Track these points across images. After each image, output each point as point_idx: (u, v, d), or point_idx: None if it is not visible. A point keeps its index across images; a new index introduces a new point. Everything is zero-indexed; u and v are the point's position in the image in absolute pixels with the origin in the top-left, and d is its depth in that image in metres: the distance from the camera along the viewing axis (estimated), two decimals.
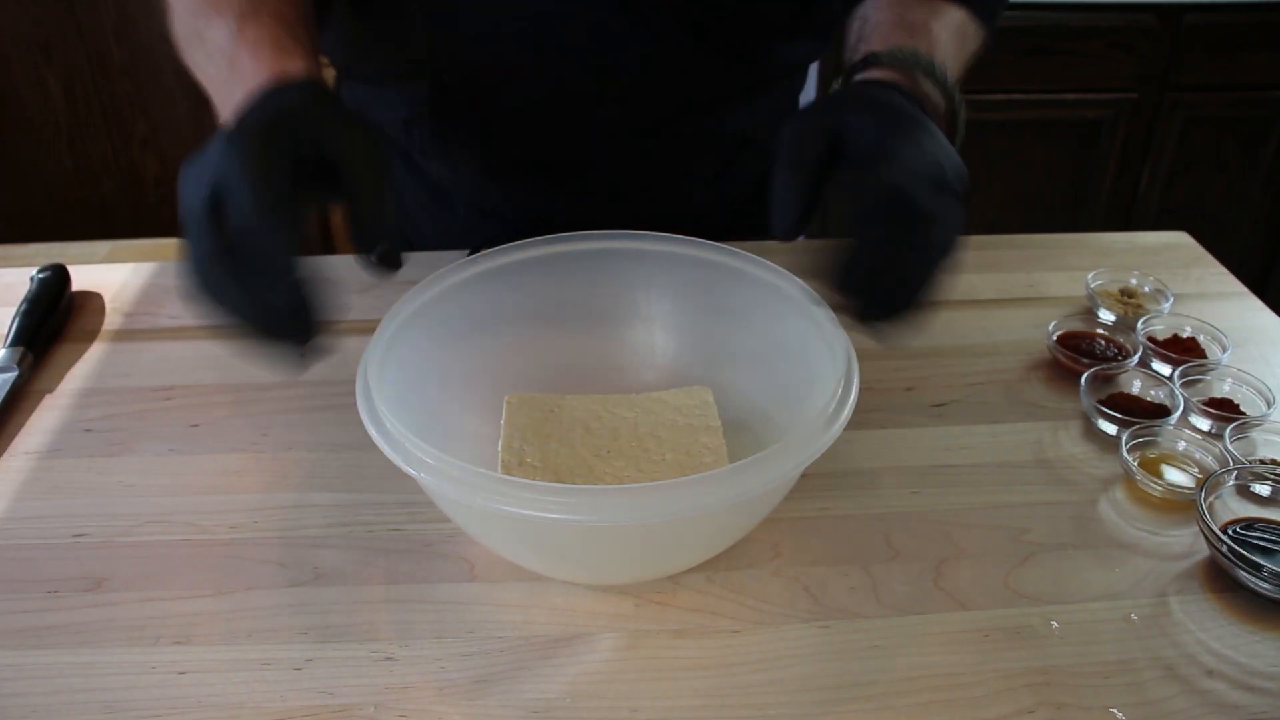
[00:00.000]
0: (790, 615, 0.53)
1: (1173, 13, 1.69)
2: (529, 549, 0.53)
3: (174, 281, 0.83)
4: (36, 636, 0.52)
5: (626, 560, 0.53)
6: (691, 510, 0.45)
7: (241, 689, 0.49)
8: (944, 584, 0.55)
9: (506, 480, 0.46)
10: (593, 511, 0.44)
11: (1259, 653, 0.51)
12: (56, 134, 1.85)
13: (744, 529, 0.55)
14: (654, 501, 0.45)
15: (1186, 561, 0.57)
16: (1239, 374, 0.69)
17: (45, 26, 1.75)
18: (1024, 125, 1.79)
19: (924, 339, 0.76)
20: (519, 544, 0.52)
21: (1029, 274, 0.84)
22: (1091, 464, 0.64)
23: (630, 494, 0.47)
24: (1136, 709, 0.48)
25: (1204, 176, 1.86)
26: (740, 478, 0.46)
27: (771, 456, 0.47)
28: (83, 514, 0.60)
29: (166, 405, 0.69)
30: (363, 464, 0.63)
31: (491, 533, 0.53)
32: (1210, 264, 0.86)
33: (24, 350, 0.71)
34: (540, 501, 0.44)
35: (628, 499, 0.46)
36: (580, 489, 0.48)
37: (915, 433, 0.66)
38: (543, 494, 0.45)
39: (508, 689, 0.49)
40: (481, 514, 0.49)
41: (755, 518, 0.54)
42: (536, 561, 0.54)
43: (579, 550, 0.52)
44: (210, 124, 0.51)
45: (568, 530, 0.47)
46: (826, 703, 0.48)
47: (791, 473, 0.49)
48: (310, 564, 0.56)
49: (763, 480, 0.46)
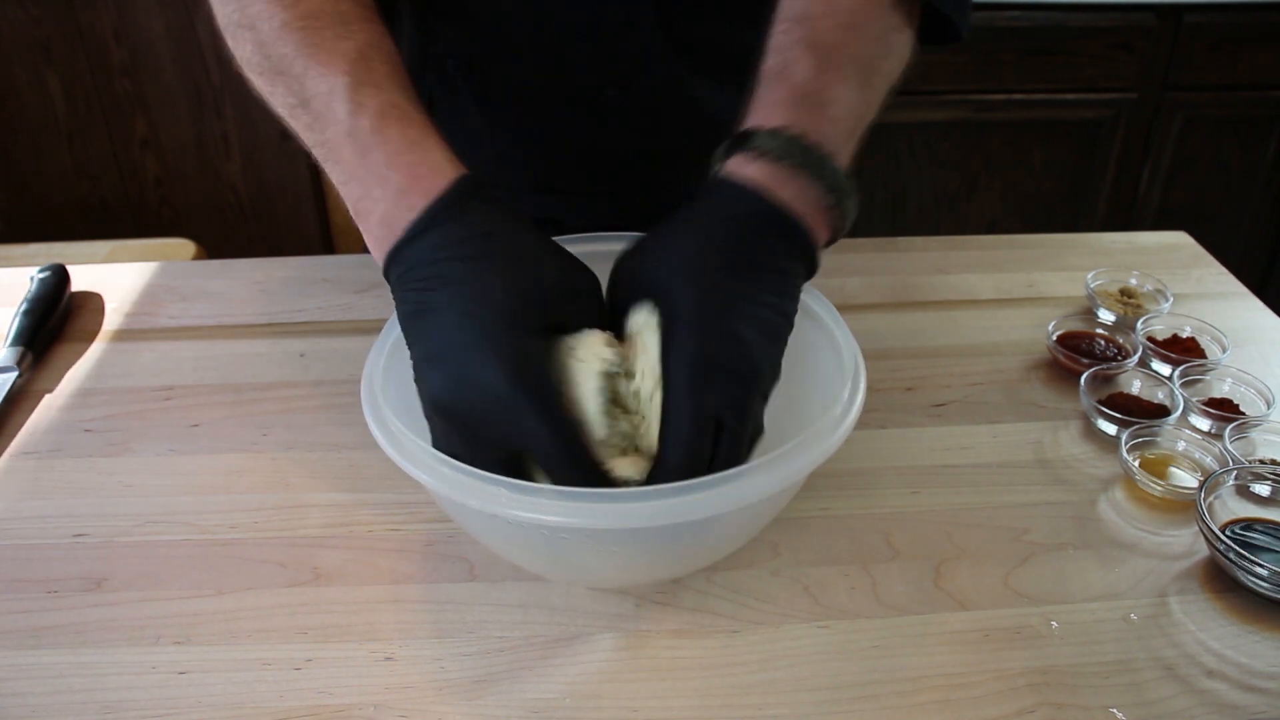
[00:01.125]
0: (790, 615, 0.53)
1: (1173, 13, 1.69)
2: (542, 558, 0.52)
3: (175, 282, 0.83)
4: (36, 636, 0.52)
5: (630, 565, 0.52)
6: (701, 513, 0.44)
7: (241, 689, 0.49)
8: (944, 584, 0.55)
9: (516, 485, 0.44)
10: (598, 516, 0.44)
11: (1259, 653, 0.51)
12: (56, 134, 1.85)
13: (751, 532, 0.54)
14: (661, 506, 0.44)
15: (1186, 561, 0.57)
16: (1239, 374, 0.69)
17: (45, 26, 1.75)
18: (1024, 125, 1.79)
19: (924, 339, 0.76)
20: (530, 552, 0.52)
21: (1029, 274, 0.84)
22: (1091, 464, 0.64)
23: (637, 498, 0.45)
24: (1136, 709, 0.48)
25: (1204, 176, 1.86)
26: (751, 480, 0.45)
27: (783, 458, 0.46)
28: (83, 514, 0.60)
29: (166, 405, 0.69)
30: (363, 464, 0.63)
31: (500, 539, 0.52)
32: (1210, 264, 0.86)
33: (24, 350, 0.71)
34: (547, 506, 0.44)
35: (635, 503, 0.45)
36: (586, 493, 0.47)
37: (915, 433, 0.66)
38: (551, 498, 0.44)
39: (508, 689, 0.49)
40: (486, 519, 0.49)
41: (763, 520, 0.54)
42: (547, 567, 0.54)
43: (583, 554, 0.52)
44: (210, 124, 0.50)
45: (573, 535, 0.47)
46: (826, 703, 0.49)
47: (802, 473, 0.48)
48: (310, 564, 0.56)
49: (774, 481, 0.45)
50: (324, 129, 0.50)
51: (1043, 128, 1.80)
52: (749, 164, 0.50)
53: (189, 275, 0.84)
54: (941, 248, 0.88)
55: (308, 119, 0.51)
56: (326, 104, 0.50)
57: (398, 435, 0.48)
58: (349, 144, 0.49)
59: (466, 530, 0.55)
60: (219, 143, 1.85)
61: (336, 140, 0.50)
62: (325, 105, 0.50)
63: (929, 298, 0.81)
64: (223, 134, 1.84)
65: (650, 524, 0.44)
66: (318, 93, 0.50)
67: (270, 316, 0.78)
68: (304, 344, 0.75)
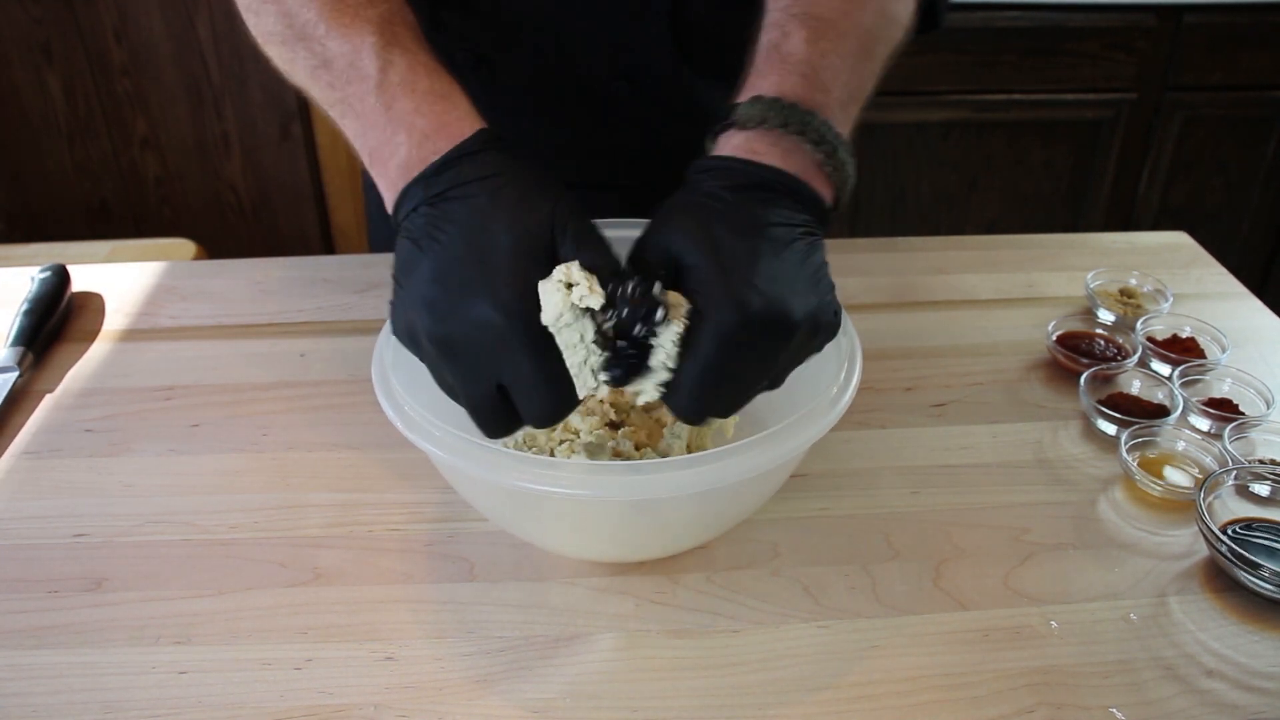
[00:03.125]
0: (790, 615, 0.53)
1: (1172, 13, 1.69)
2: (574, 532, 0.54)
3: (176, 282, 0.83)
4: (37, 636, 0.52)
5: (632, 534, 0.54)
6: (704, 485, 0.46)
7: (242, 689, 0.49)
8: (943, 584, 0.55)
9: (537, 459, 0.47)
10: (609, 488, 0.46)
11: (1258, 652, 0.51)
12: (57, 134, 1.85)
13: (750, 507, 0.56)
14: (659, 478, 0.46)
15: (1186, 561, 0.57)
16: (1238, 374, 0.69)
17: (46, 26, 1.75)
18: (1024, 125, 1.79)
19: (924, 339, 0.76)
20: (559, 523, 0.53)
21: (1028, 274, 0.84)
22: (1091, 464, 0.64)
23: (640, 470, 0.48)
24: (1136, 709, 0.48)
25: (1204, 176, 1.86)
26: (753, 452, 0.47)
27: (782, 432, 0.48)
28: (83, 514, 0.60)
29: (167, 405, 0.69)
30: (363, 464, 0.63)
31: (516, 514, 0.54)
32: (1209, 264, 0.86)
33: (24, 350, 0.71)
34: (577, 480, 0.46)
35: (637, 475, 0.47)
36: (597, 465, 0.50)
37: (915, 433, 0.66)
38: (573, 471, 0.47)
39: (507, 689, 0.49)
40: (503, 489, 0.50)
41: (762, 497, 0.55)
42: (574, 545, 0.55)
43: (590, 523, 0.53)
44: (210, 124, 0.50)
45: (595, 505, 0.49)
46: (826, 702, 0.49)
47: (801, 447, 0.49)
48: (310, 564, 0.56)
49: (773, 456, 0.47)
50: (346, 85, 0.51)
51: (1042, 128, 1.80)
52: (730, 139, 0.50)
53: (189, 275, 0.84)
54: (941, 248, 0.88)
55: (329, 78, 0.52)
56: (352, 62, 0.51)
57: (412, 416, 0.50)
58: (376, 95, 0.50)
59: (464, 496, 0.55)
60: (219, 143, 1.85)
61: (361, 94, 0.51)
62: (351, 63, 0.51)
63: (929, 298, 0.81)
64: (223, 134, 1.84)
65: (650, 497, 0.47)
66: (342, 52, 0.51)
67: (270, 316, 0.78)
68: (304, 344, 0.75)
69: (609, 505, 0.50)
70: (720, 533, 0.57)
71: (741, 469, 0.47)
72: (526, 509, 0.53)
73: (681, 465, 0.46)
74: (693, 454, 0.51)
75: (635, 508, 0.50)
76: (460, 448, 0.48)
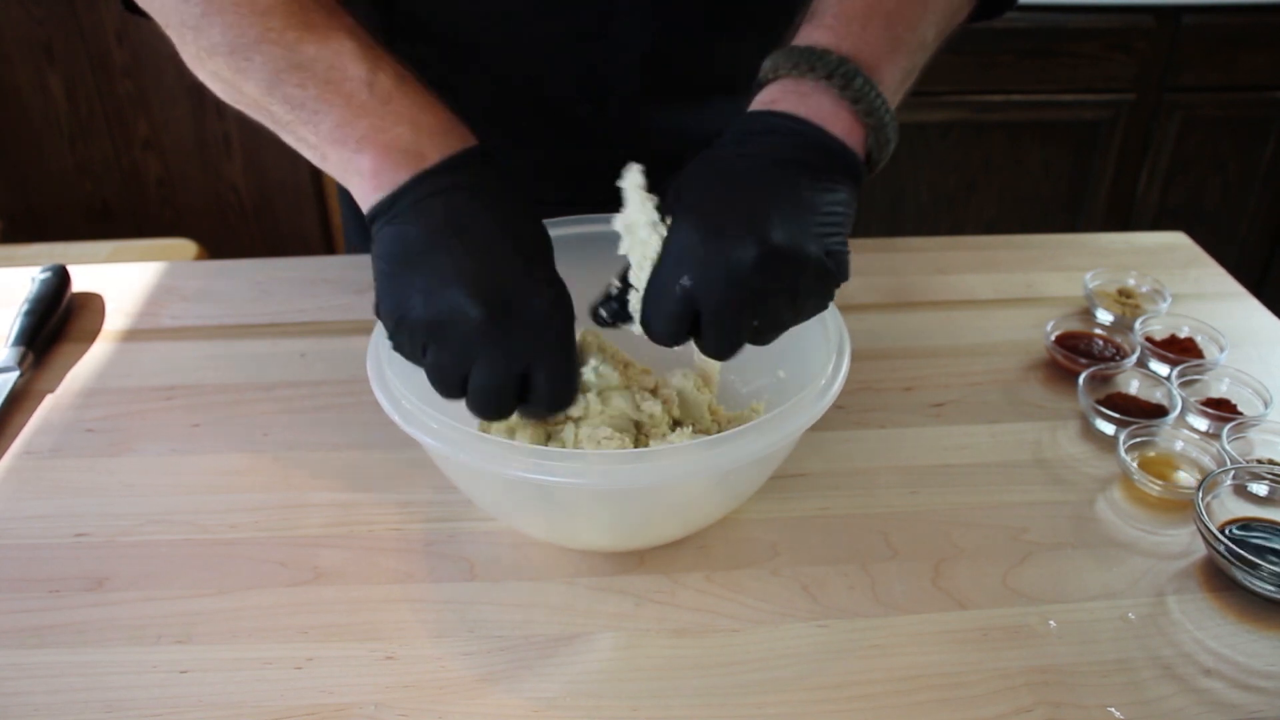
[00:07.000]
0: (789, 615, 0.53)
1: (1171, 14, 1.69)
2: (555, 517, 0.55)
3: (176, 282, 0.83)
4: (38, 636, 0.52)
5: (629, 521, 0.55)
6: (700, 472, 0.48)
7: (242, 688, 0.49)
8: (942, 583, 0.55)
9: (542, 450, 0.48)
10: (603, 475, 0.48)
11: (1256, 652, 0.51)
12: (58, 135, 1.85)
13: (744, 493, 0.57)
14: (655, 466, 0.47)
15: (1184, 561, 0.57)
16: (1236, 374, 0.69)
17: (47, 27, 1.75)
18: (1023, 125, 1.79)
19: (923, 339, 0.76)
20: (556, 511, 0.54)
21: (1027, 274, 0.84)
22: (1089, 464, 0.64)
23: (635, 459, 0.49)
24: (1134, 708, 0.48)
25: (1202, 177, 1.86)
26: (745, 439, 0.48)
27: (774, 420, 0.50)
28: (84, 514, 0.60)
29: (167, 405, 0.69)
30: (363, 464, 0.63)
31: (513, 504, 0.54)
32: (1208, 264, 0.86)
33: (25, 350, 0.71)
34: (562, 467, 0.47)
35: (635, 462, 0.48)
36: (595, 452, 0.51)
37: (914, 433, 0.67)
38: (562, 459, 0.48)
39: (508, 688, 0.49)
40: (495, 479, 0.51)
41: (755, 483, 0.57)
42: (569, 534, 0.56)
43: (588, 509, 0.53)
44: (212, 124, 0.50)
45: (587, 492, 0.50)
46: (825, 702, 0.49)
47: (792, 435, 0.51)
48: (310, 564, 0.56)
49: (765, 443, 0.49)
50: (326, 84, 0.50)
51: (1041, 129, 1.80)
52: (773, 93, 0.52)
53: (190, 275, 0.84)
54: (940, 248, 0.88)
55: (300, 79, 0.51)
56: (333, 64, 0.50)
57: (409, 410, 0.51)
58: (367, 92, 0.50)
59: (462, 489, 0.56)
60: (220, 143, 1.85)
61: (351, 90, 0.50)
62: (332, 65, 0.50)
63: (927, 298, 0.81)
64: (224, 134, 1.84)
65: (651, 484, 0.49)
66: (321, 55, 0.50)
67: (271, 316, 0.78)
68: (304, 344, 0.75)
69: (606, 493, 0.50)
70: (721, 516, 0.57)
71: (744, 451, 0.48)
72: (523, 498, 0.53)
73: (677, 452, 0.48)
74: (692, 440, 0.52)
75: (627, 495, 0.51)
76: (457, 439, 0.48)
